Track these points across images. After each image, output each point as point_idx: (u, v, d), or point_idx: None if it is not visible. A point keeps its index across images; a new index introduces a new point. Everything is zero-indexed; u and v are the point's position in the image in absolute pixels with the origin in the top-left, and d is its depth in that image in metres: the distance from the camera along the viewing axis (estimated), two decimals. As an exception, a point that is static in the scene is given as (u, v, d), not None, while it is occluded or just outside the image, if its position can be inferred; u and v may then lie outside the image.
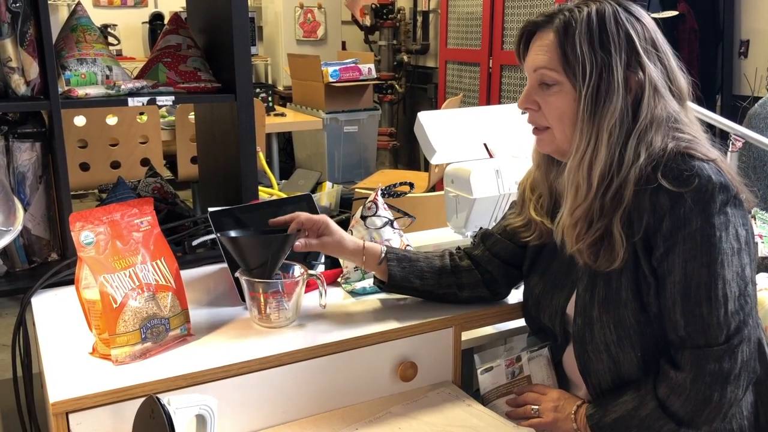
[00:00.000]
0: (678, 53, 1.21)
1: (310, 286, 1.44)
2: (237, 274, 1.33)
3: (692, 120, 1.19)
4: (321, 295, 1.36)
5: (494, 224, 1.48)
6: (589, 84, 1.12)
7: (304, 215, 1.33)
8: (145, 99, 1.67)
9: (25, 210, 1.57)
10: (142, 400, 1.05)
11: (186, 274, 1.40)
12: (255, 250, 1.30)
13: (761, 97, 2.56)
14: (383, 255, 1.36)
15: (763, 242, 1.70)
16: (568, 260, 1.23)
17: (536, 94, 1.20)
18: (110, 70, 1.69)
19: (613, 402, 1.18)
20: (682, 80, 1.19)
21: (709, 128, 1.28)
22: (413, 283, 1.37)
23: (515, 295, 1.50)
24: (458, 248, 1.46)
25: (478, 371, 1.42)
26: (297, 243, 1.30)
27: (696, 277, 1.09)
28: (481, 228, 1.52)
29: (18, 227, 1.15)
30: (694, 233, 1.08)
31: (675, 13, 3.33)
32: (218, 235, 1.33)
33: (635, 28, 1.14)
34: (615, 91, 1.12)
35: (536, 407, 1.28)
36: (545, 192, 1.30)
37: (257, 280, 1.30)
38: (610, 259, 1.14)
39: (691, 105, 1.23)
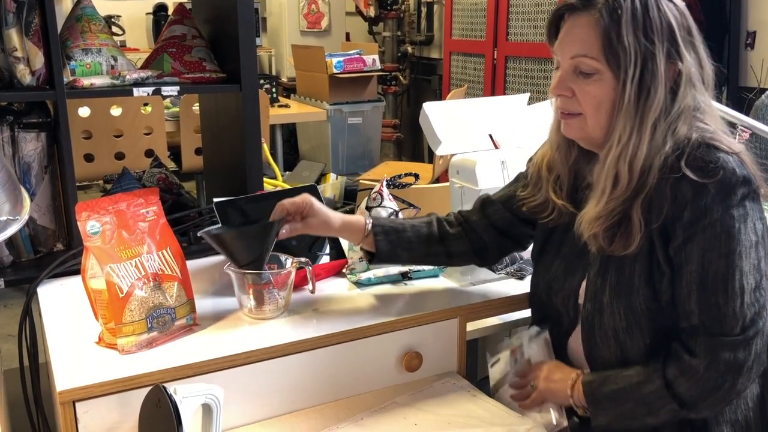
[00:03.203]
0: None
1: (302, 278, 1.43)
2: (226, 269, 1.32)
3: (712, 108, 1.17)
4: (310, 281, 1.37)
5: (498, 191, 1.45)
6: (634, 75, 1.10)
7: (287, 201, 1.31)
8: (150, 89, 1.66)
9: (31, 200, 1.58)
10: (148, 389, 1.06)
11: (191, 264, 1.40)
12: (240, 243, 1.28)
13: (767, 89, 2.55)
14: (369, 228, 1.35)
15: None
16: (581, 244, 1.22)
17: (571, 81, 1.16)
18: (115, 60, 1.69)
19: (615, 374, 1.17)
20: (710, 68, 1.17)
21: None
22: (401, 256, 1.38)
23: (520, 287, 1.50)
24: (458, 211, 1.45)
25: (489, 365, 1.42)
26: (282, 231, 1.29)
27: (714, 266, 1.08)
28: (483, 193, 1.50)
29: (25, 216, 1.16)
30: (714, 223, 1.08)
31: (681, 3, 3.31)
32: (202, 233, 1.30)
33: (675, 16, 1.12)
34: (659, 82, 1.11)
35: (534, 383, 1.29)
36: (564, 174, 1.28)
37: (247, 272, 1.30)
38: (625, 244, 1.13)
39: None
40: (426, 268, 1.53)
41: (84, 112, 3.18)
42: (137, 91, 1.65)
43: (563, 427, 1.25)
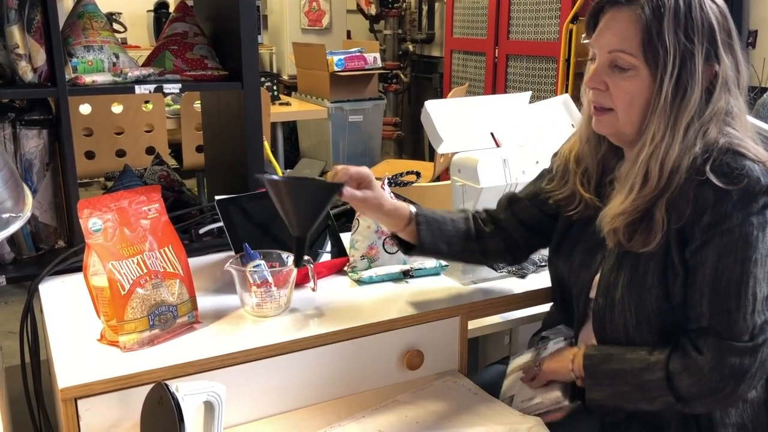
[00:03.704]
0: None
1: (303, 276, 1.43)
2: (227, 267, 1.31)
3: (743, 113, 1.17)
4: (312, 279, 1.37)
5: (522, 187, 1.44)
6: (672, 74, 1.10)
7: (352, 167, 1.27)
8: (152, 86, 1.66)
9: (33, 197, 1.58)
10: (150, 386, 1.06)
11: (193, 261, 1.40)
12: (304, 195, 1.22)
13: (769, 88, 2.55)
14: (413, 217, 1.32)
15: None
16: (598, 239, 1.22)
17: (606, 74, 1.16)
18: (117, 57, 1.69)
19: (619, 354, 1.18)
20: (746, 73, 1.16)
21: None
22: (441, 249, 1.35)
23: (521, 285, 1.50)
24: (484, 210, 1.45)
25: (512, 357, 1.42)
26: (344, 192, 1.24)
27: (728, 271, 1.08)
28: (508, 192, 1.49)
29: (27, 213, 1.16)
30: (733, 229, 1.08)
31: None
32: (264, 178, 1.22)
33: (717, 17, 1.12)
34: (696, 83, 1.10)
35: (539, 364, 1.30)
36: (592, 167, 1.27)
37: (248, 269, 1.30)
38: (645, 241, 1.13)
39: None
40: (428, 265, 1.53)
41: (85, 109, 3.18)
42: (139, 89, 1.65)
43: (563, 406, 1.25)
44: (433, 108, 1.69)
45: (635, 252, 1.15)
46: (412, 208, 1.33)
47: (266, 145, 3.68)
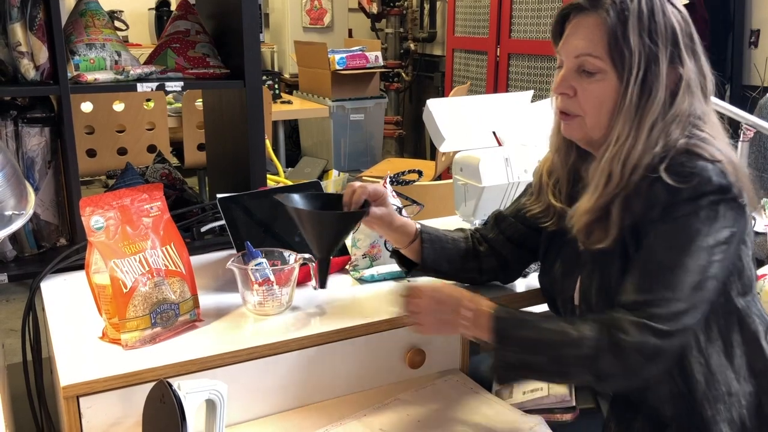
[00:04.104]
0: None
1: (305, 275, 1.43)
2: (229, 265, 1.30)
3: (711, 117, 1.18)
4: (314, 277, 1.37)
5: (508, 205, 1.46)
6: (637, 76, 1.11)
7: (369, 185, 1.28)
8: (153, 84, 1.66)
9: (35, 195, 1.58)
10: (152, 384, 1.06)
11: (195, 259, 1.40)
12: (329, 225, 1.24)
13: (771, 87, 2.54)
14: (418, 234, 1.34)
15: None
16: (575, 248, 1.23)
17: (574, 79, 1.17)
18: (119, 55, 1.69)
19: (533, 321, 1.14)
20: (710, 76, 1.18)
21: (720, 117, 1.26)
22: (442, 267, 1.37)
23: (522, 284, 1.50)
24: (476, 229, 1.46)
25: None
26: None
27: (659, 256, 1.09)
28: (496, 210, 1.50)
29: (30, 211, 1.16)
30: (677, 218, 1.09)
31: (686, 1, 3.30)
32: (287, 204, 1.23)
33: (679, 22, 1.13)
34: (661, 85, 1.12)
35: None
36: (563, 177, 1.29)
37: (250, 267, 1.30)
38: (601, 237, 1.14)
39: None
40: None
41: (87, 107, 3.19)
42: (141, 87, 1.65)
43: (570, 406, 1.24)
44: (435, 107, 1.70)
45: (605, 256, 1.16)
46: (417, 225, 1.36)
47: (268, 143, 3.68)
